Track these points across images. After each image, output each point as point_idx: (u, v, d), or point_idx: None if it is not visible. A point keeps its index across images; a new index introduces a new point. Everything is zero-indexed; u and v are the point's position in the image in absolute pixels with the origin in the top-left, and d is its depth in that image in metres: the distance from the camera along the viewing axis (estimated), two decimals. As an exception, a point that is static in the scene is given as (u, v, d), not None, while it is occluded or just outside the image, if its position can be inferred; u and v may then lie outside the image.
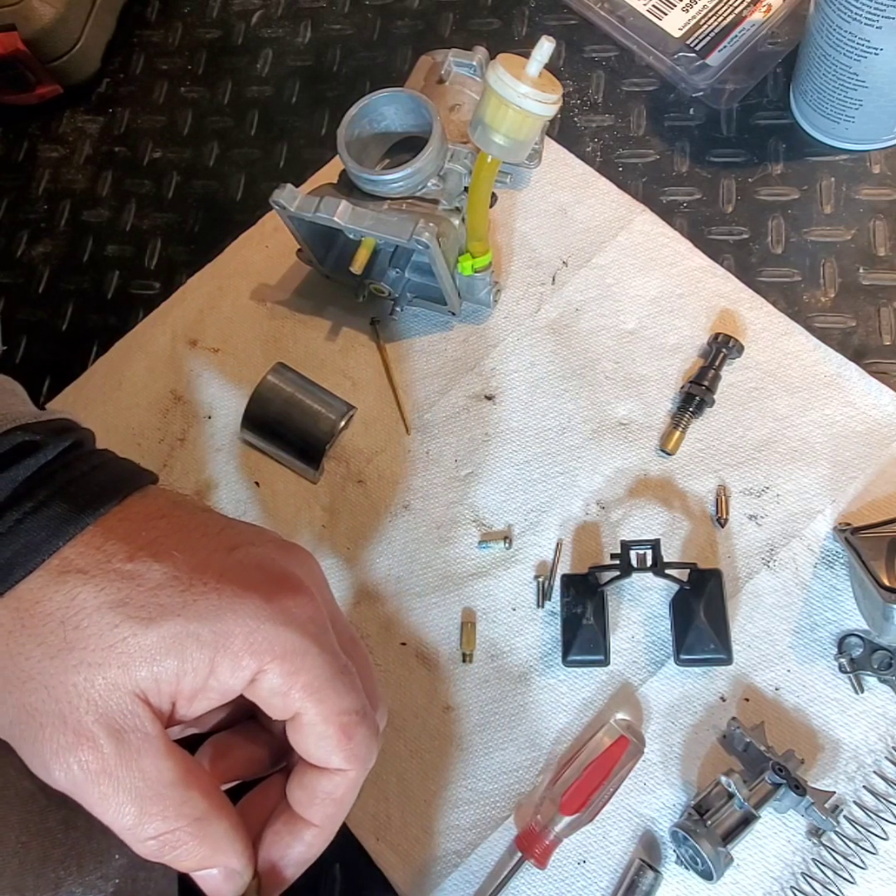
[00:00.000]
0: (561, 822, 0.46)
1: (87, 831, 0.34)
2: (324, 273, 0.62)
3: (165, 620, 0.30)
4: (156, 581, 0.30)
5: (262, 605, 0.31)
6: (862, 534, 0.48)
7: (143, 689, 0.30)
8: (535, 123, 0.47)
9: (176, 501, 0.34)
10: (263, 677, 0.31)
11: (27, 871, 0.32)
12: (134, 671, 0.29)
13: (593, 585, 0.51)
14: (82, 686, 0.29)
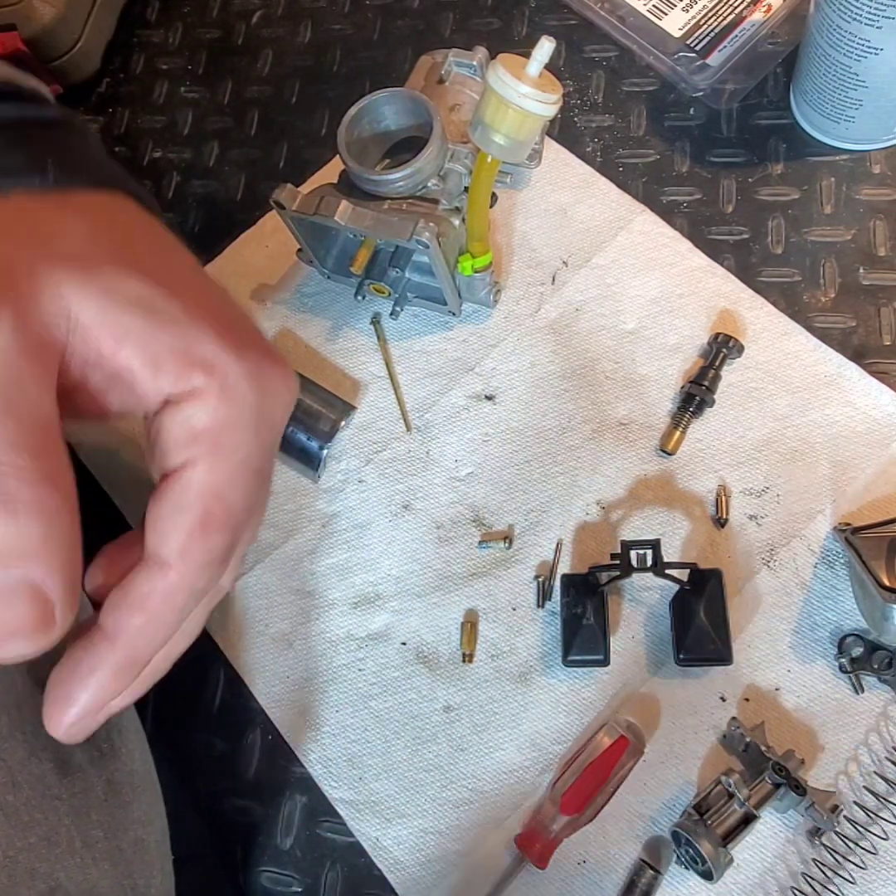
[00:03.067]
0: (561, 822, 0.46)
1: (69, 846, 0.34)
2: (324, 273, 0.62)
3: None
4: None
5: (248, 351, 0.27)
6: (862, 534, 0.48)
7: (80, 315, 0.25)
8: (535, 123, 0.47)
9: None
10: (195, 403, 0.26)
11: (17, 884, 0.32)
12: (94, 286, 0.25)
13: (593, 585, 0.51)
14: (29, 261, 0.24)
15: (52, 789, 0.34)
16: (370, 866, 0.50)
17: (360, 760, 0.52)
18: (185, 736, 0.55)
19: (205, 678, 0.56)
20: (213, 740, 0.54)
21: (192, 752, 0.54)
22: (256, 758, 0.53)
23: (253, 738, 0.54)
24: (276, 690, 0.54)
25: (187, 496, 0.26)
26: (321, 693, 0.53)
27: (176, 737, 0.54)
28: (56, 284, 0.24)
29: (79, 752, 0.36)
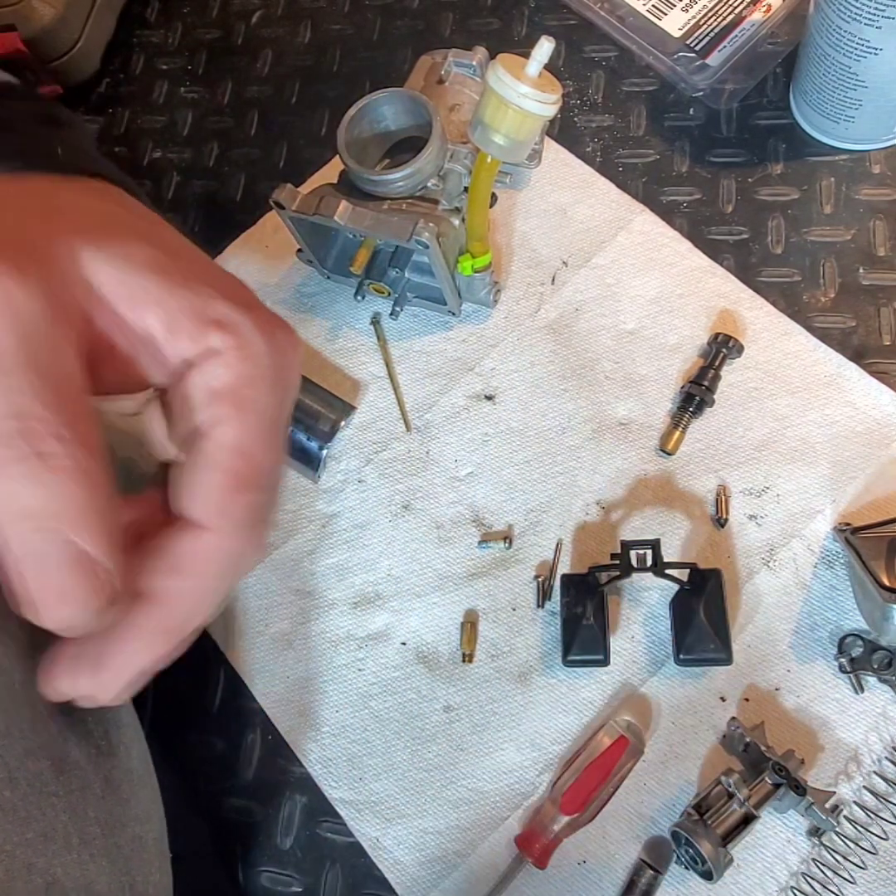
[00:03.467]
0: (561, 822, 0.46)
1: (65, 843, 0.34)
2: (324, 273, 0.62)
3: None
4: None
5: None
6: (862, 534, 0.48)
7: (99, 280, 0.25)
8: (534, 123, 0.47)
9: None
10: (214, 362, 0.26)
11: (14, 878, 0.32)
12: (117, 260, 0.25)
13: (593, 585, 0.51)
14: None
15: (48, 786, 0.34)
16: (370, 866, 0.50)
17: (360, 760, 0.52)
18: (185, 736, 0.55)
19: (205, 678, 0.56)
20: (213, 740, 0.54)
21: (192, 752, 0.54)
22: (256, 758, 0.53)
23: (253, 738, 0.54)
24: (276, 690, 0.54)
25: (218, 455, 0.25)
26: (321, 693, 0.53)
27: (176, 737, 0.54)
28: (74, 252, 0.24)
29: (76, 749, 0.36)
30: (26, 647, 0.36)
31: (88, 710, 0.37)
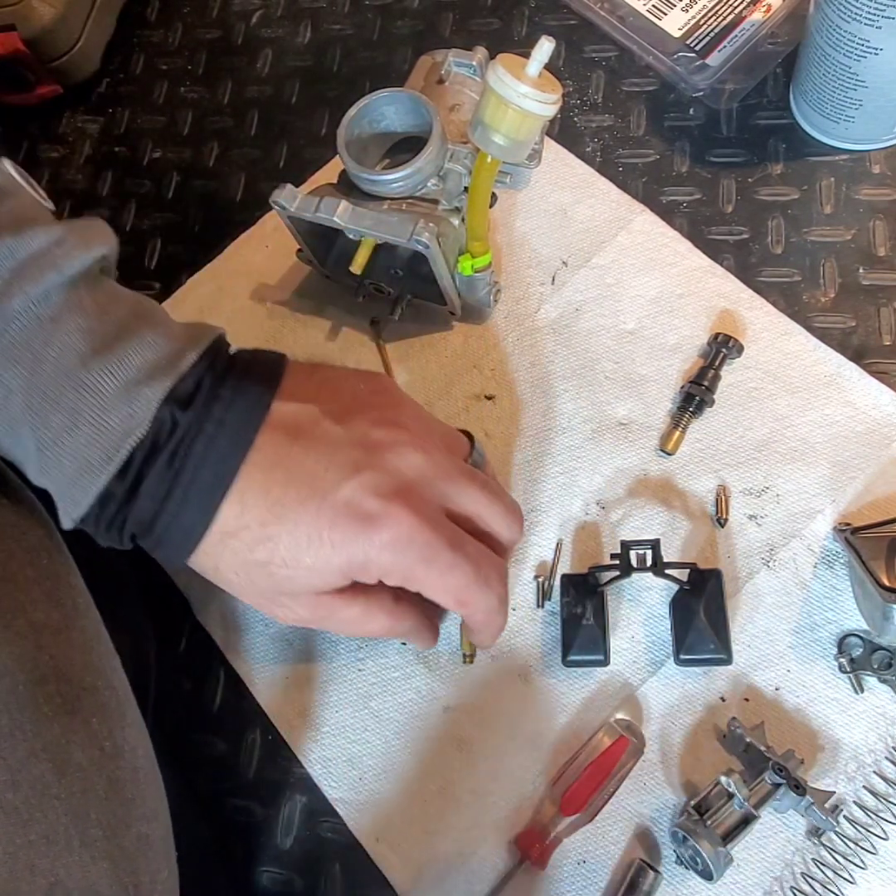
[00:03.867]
0: (561, 823, 0.46)
1: (67, 845, 0.34)
2: (324, 273, 0.62)
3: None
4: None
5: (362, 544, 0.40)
6: (862, 534, 0.48)
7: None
8: (534, 123, 0.47)
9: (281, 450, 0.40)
10: (389, 581, 0.41)
11: (18, 878, 0.32)
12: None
13: (593, 585, 0.51)
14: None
15: (50, 789, 0.34)
16: (370, 866, 0.50)
17: (360, 760, 0.52)
18: (185, 736, 0.55)
19: (205, 678, 0.56)
20: (213, 740, 0.54)
21: (192, 752, 0.54)
22: (256, 758, 0.53)
23: (253, 738, 0.54)
24: (276, 690, 0.54)
25: (440, 601, 0.43)
26: (321, 693, 0.53)
27: (176, 737, 0.54)
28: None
29: (79, 751, 0.36)
30: (33, 649, 0.36)
31: (94, 711, 0.37)
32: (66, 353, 0.37)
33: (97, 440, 0.37)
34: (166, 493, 0.38)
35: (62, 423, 0.37)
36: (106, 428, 0.37)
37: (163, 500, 0.38)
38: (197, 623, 0.56)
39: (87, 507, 0.38)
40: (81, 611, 0.40)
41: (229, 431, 0.38)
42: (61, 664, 0.37)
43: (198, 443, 0.38)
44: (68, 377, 0.37)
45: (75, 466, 0.37)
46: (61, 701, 0.36)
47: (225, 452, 0.38)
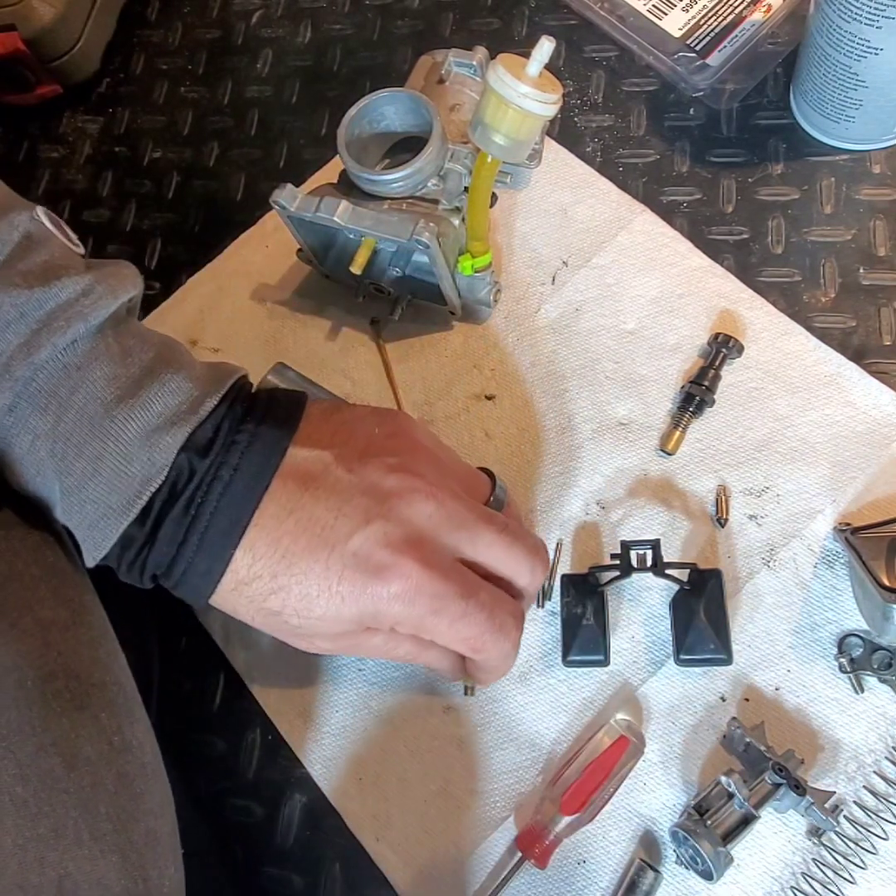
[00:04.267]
0: (561, 822, 0.46)
1: (76, 839, 0.34)
2: (324, 273, 0.62)
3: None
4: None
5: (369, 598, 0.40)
6: (862, 534, 0.48)
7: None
8: (535, 123, 0.47)
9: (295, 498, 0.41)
10: (401, 630, 0.42)
11: (27, 870, 0.33)
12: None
13: (593, 585, 0.51)
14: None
15: (59, 783, 0.34)
16: (370, 866, 0.50)
17: (360, 760, 0.52)
18: (185, 736, 0.55)
19: (205, 678, 0.56)
20: (213, 740, 0.54)
21: (192, 752, 0.54)
22: (256, 758, 0.53)
23: (253, 738, 0.54)
24: (276, 690, 0.54)
25: (452, 647, 0.44)
26: (321, 693, 0.53)
27: (176, 737, 0.54)
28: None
29: (88, 745, 0.36)
30: (41, 646, 0.36)
31: (102, 706, 0.37)
32: (91, 402, 0.38)
33: (118, 487, 0.38)
34: (183, 539, 0.39)
35: (85, 470, 0.38)
36: (127, 475, 0.38)
37: (179, 546, 0.39)
38: (197, 623, 0.56)
39: (107, 548, 0.39)
40: (88, 608, 0.41)
41: (245, 477, 0.39)
42: (69, 660, 0.37)
43: (213, 490, 0.39)
44: (92, 425, 0.38)
45: (97, 511, 0.38)
46: (70, 696, 0.36)
47: (239, 500, 0.39)
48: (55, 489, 0.39)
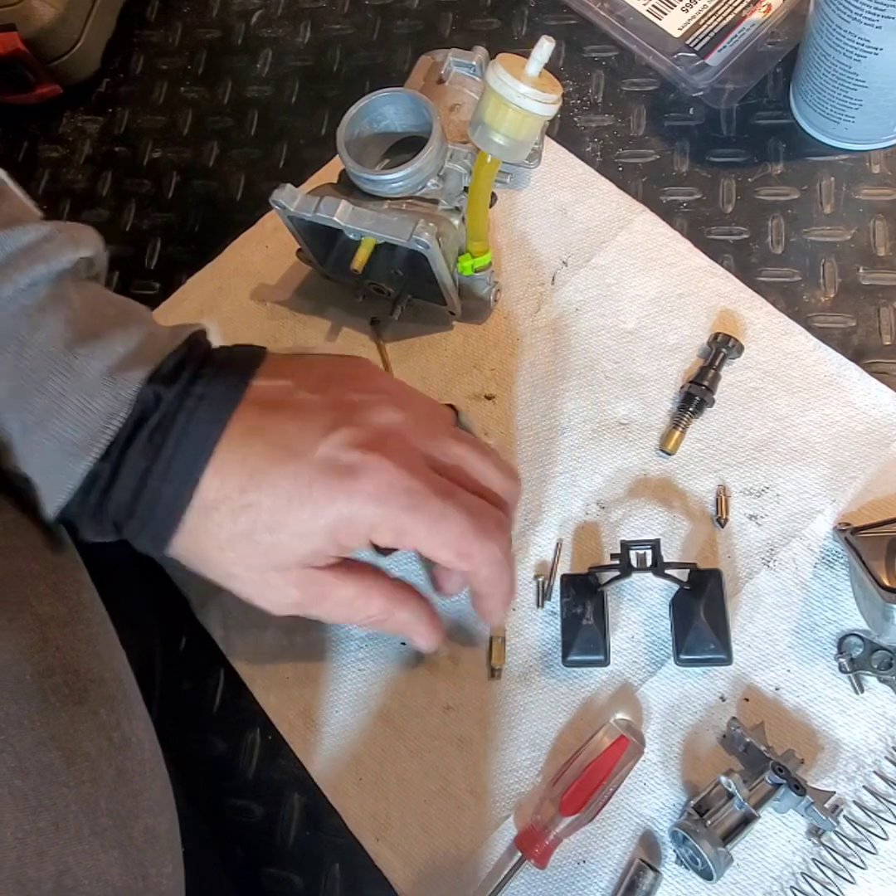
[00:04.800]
0: (561, 823, 0.46)
1: (77, 833, 0.34)
2: (324, 273, 0.62)
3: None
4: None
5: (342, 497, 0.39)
6: (862, 534, 0.48)
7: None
8: (534, 123, 0.47)
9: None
10: (379, 538, 0.40)
11: (26, 864, 0.33)
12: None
13: (593, 585, 0.51)
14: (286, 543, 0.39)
15: (59, 776, 0.34)
16: (370, 866, 0.50)
17: (360, 760, 0.52)
18: (185, 736, 0.55)
19: (205, 678, 0.56)
20: (213, 740, 0.54)
21: (192, 752, 0.54)
22: (256, 758, 0.53)
23: (253, 738, 0.54)
24: (276, 690, 0.54)
25: (437, 558, 0.42)
26: (321, 693, 0.53)
27: (176, 737, 0.54)
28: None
29: (87, 741, 0.36)
30: (39, 641, 0.36)
31: (101, 702, 0.37)
32: (52, 339, 0.38)
33: (82, 423, 0.37)
34: (147, 468, 0.38)
35: (47, 407, 0.37)
36: (91, 411, 0.37)
37: (144, 474, 0.38)
38: (197, 623, 0.56)
39: (71, 492, 0.38)
40: (87, 604, 0.40)
41: (210, 405, 0.39)
42: (68, 656, 0.37)
43: (179, 418, 0.38)
44: (54, 361, 0.37)
45: (60, 450, 0.37)
46: (68, 691, 0.36)
47: (205, 425, 0.39)
48: (15, 431, 0.38)
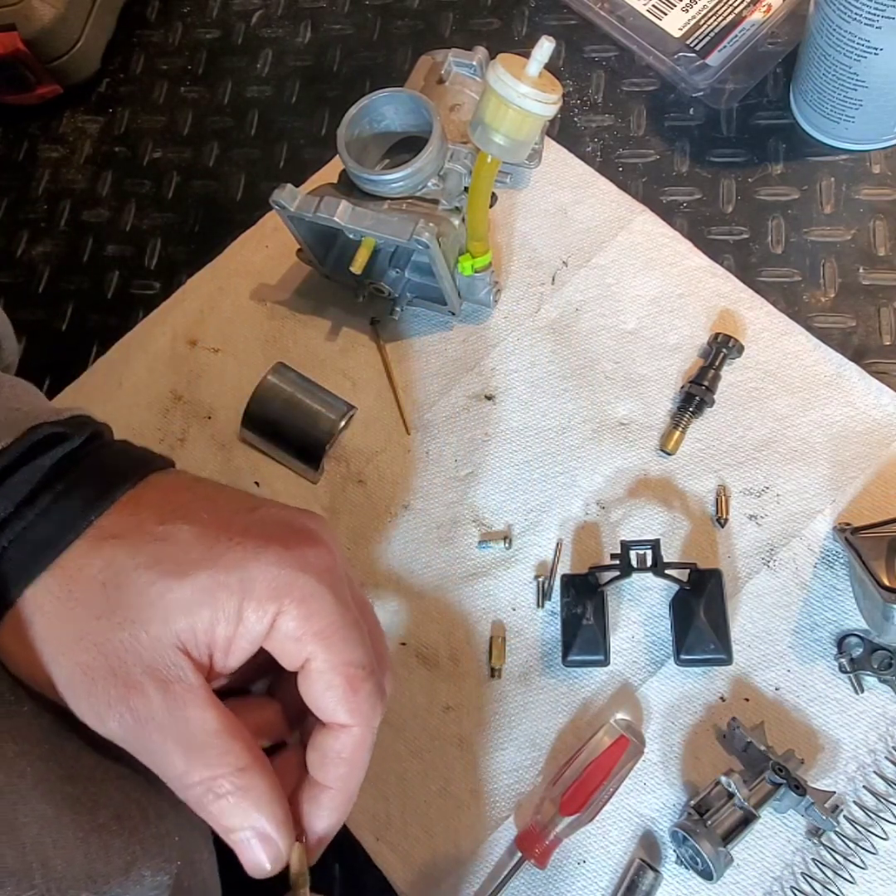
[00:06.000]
0: (561, 823, 0.46)
1: (143, 820, 0.35)
2: (324, 273, 0.62)
3: (198, 574, 0.32)
4: (185, 540, 0.33)
5: (282, 554, 0.33)
6: (862, 534, 0.48)
7: (182, 641, 0.32)
8: (535, 123, 0.47)
9: (197, 478, 0.37)
10: (281, 620, 0.32)
11: (94, 860, 0.33)
12: (173, 623, 0.32)
13: (593, 585, 0.51)
14: (128, 641, 0.31)
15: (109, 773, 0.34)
16: (370, 866, 0.50)
17: (360, 760, 0.52)
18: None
19: (205, 678, 0.55)
20: (213, 740, 0.54)
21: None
22: (256, 758, 0.53)
23: (253, 738, 0.54)
24: (276, 690, 0.54)
25: (327, 676, 0.33)
26: (321, 693, 0.53)
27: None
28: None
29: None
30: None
31: None
32: None
33: None
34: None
35: None
36: None
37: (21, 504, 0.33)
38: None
39: None
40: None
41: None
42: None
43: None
44: None
45: None
46: None
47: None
48: None
